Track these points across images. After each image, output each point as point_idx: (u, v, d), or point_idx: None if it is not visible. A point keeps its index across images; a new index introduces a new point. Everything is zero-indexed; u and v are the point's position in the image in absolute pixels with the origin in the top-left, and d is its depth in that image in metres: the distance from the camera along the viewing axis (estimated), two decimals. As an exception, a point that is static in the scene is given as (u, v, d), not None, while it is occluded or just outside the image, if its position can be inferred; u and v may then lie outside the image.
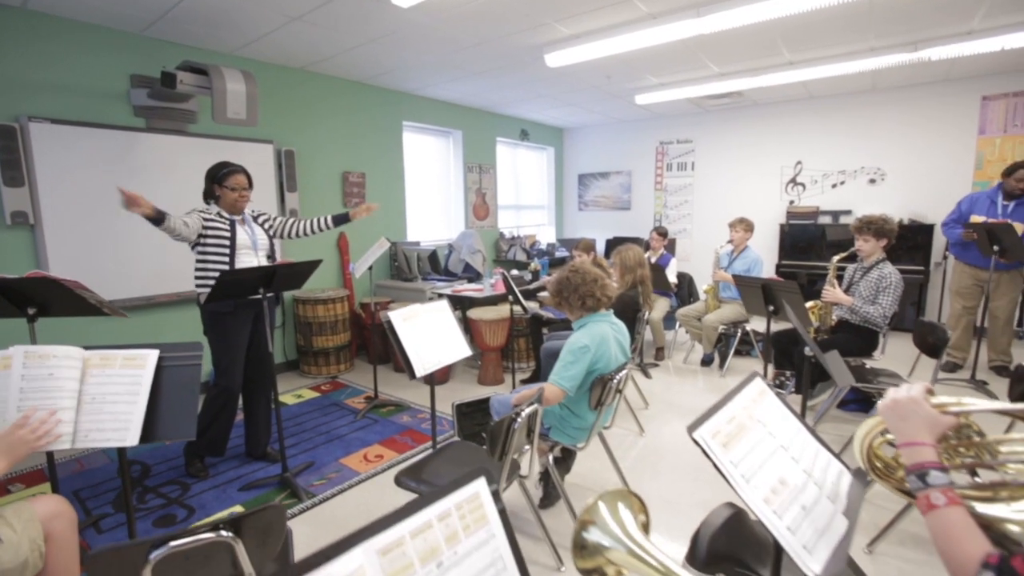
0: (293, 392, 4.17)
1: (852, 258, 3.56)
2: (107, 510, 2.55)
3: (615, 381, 2.14)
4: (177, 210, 2.69)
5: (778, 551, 1.12)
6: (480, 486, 0.83)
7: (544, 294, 4.54)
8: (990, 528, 1.01)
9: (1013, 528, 0.97)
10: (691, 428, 1.10)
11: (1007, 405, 1.07)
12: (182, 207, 2.81)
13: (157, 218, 2.46)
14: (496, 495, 0.85)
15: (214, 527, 1.08)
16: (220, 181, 2.76)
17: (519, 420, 1.66)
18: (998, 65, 4.83)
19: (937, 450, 0.98)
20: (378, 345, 4.49)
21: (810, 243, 6.12)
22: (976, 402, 1.01)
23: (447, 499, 0.78)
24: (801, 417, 1.33)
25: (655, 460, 3.03)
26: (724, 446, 1.09)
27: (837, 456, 1.29)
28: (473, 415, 2.56)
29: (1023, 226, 3.92)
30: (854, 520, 1.11)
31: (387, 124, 5.51)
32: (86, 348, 1.66)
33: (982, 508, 1.04)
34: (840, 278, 3.62)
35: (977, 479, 1.12)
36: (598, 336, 2.12)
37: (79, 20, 3.43)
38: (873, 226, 3.36)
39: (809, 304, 3.51)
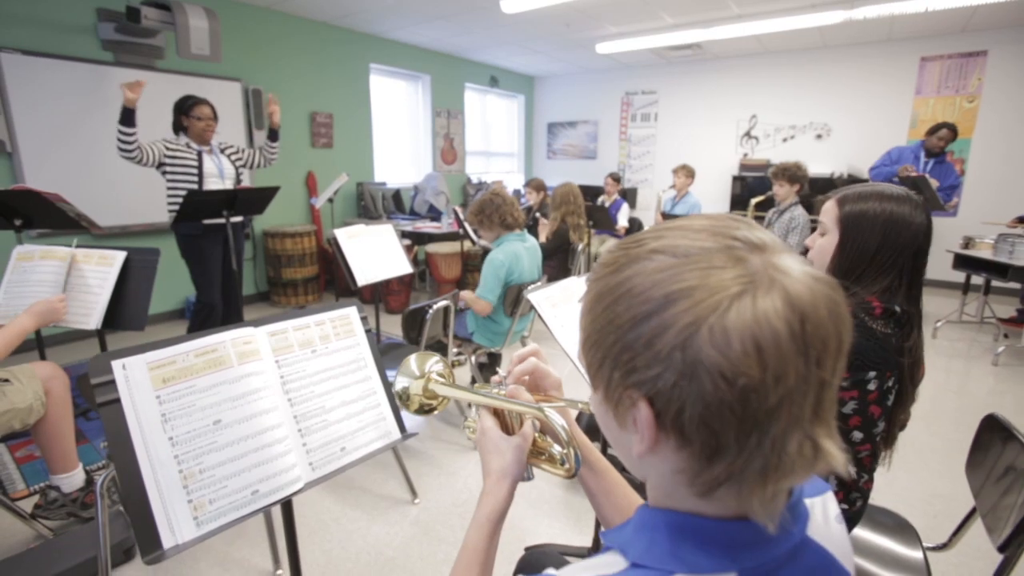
0: (263, 317, 4.53)
1: (770, 202, 3.94)
2: (94, 403, 2.94)
3: (526, 292, 2.53)
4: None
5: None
6: (351, 311, 1.22)
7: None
8: None
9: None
10: (527, 293, 1.50)
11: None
12: (150, 140, 3.07)
13: (130, 116, 2.79)
14: (365, 320, 1.23)
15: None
16: (186, 112, 3.02)
17: (431, 312, 2.04)
18: (936, 27, 5.10)
19: None
20: (344, 278, 4.84)
21: (763, 194, 6.47)
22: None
23: (322, 314, 1.16)
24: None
25: (580, 377, 3.47)
26: (552, 306, 1.49)
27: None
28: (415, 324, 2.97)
29: (938, 182, 4.35)
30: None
31: (355, 66, 5.65)
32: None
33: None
34: (761, 221, 4.01)
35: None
36: (512, 253, 2.49)
37: (43, -49, 3.54)
38: (788, 172, 3.73)
39: (728, 243, 3.91)
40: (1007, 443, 0.98)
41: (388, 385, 1.22)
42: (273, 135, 3.40)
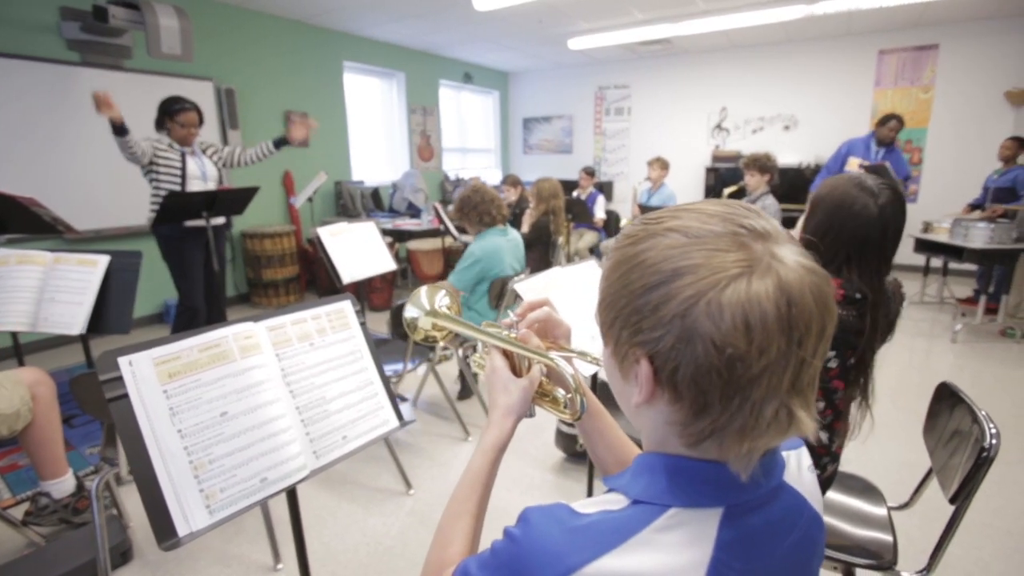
0: (244, 319, 4.50)
1: (743, 192, 4.07)
2: (76, 411, 2.90)
3: (512, 283, 2.58)
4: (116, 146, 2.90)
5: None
6: (345, 305, 1.26)
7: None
8: None
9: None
10: (512, 284, 1.55)
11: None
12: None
13: (121, 128, 2.68)
14: (359, 313, 1.27)
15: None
16: (172, 115, 2.95)
17: (417, 306, 2.09)
18: (891, 21, 5.30)
19: None
20: (325, 277, 4.82)
21: (735, 184, 6.64)
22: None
23: (318, 308, 1.20)
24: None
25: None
26: (536, 296, 1.54)
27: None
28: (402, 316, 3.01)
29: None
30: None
31: (328, 64, 5.61)
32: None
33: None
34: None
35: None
36: (490, 248, 2.52)
37: (2, -50, 3.44)
38: (758, 163, 3.86)
39: (703, 233, 4.03)
40: (956, 407, 1.08)
41: (384, 376, 1.27)
42: (281, 144, 3.32)
